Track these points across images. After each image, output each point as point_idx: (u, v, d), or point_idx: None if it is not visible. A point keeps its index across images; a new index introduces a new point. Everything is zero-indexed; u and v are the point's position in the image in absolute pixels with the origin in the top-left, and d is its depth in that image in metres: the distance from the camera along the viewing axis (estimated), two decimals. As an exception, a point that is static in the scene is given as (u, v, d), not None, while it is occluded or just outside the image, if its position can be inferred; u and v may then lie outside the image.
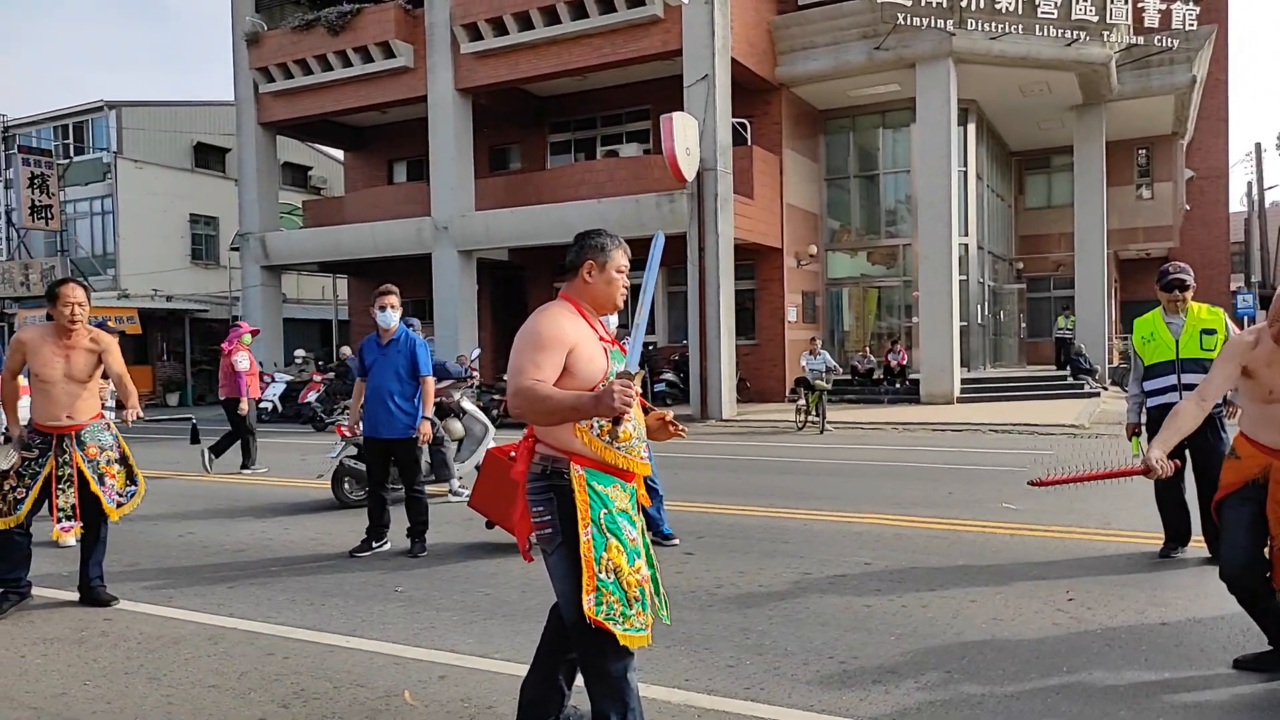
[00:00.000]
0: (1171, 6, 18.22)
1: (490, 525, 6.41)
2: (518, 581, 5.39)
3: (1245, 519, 3.60)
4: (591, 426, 2.71)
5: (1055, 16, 17.15)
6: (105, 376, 5.22)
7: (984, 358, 21.85)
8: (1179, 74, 20.34)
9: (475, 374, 16.92)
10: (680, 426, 3.03)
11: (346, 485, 8.26)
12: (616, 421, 2.60)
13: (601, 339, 2.84)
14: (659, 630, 4.36)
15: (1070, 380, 19.69)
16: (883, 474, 9.67)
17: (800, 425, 14.70)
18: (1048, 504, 7.60)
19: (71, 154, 28.68)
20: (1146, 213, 26.17)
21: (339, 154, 28.40)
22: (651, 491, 6.32)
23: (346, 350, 19.09)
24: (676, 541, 6.26)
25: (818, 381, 14.60)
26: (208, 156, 30.41)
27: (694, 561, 5.81)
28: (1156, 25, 18.22)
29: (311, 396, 18.00)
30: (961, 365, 18.71)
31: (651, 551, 2.91)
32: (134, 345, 24.64)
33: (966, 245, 19.71)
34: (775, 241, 19.29)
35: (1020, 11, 17.17)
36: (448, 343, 18.96)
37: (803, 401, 14.78)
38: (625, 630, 2.67)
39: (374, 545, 6.27)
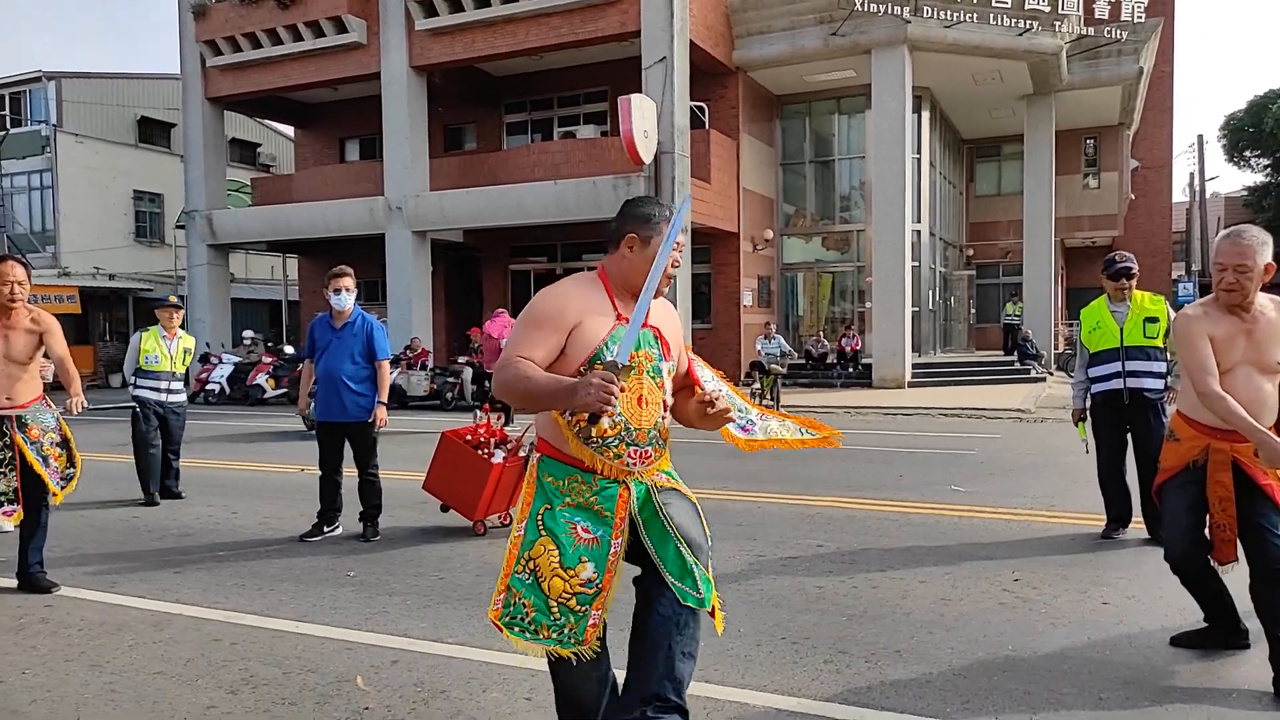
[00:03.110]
0: (1121, -2, 18.56)
1: (445, 508, 6.38)
2: (472, 565, 5.36)
3: (1186, 501, 3.67)
4: (564, 411, 2.40)
5: (1009, 6, 17.37)
6: (46, 356, 5.06)
7: (934, 343, 22.19)
8: (1126, 65, 20.74)
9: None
10: (724, 404, 2.58)
11: None
12: (593, 419, 2.29)
13: (623, 320, 2.44)
14: (612, 613, 4.38)
15: (1017, 365, 20.10)
16: (835, 457, 9.78)
17: (755, 409, 14.80)
18: (995, 487, 7.77)
19: (8, 126, 27.71)
20: (1093, 201, 26.73)
21: (289, 131, 27.83)
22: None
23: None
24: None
25: (773, 365, 14.71)
26: (152, 131, 29.59)
27: (649, 544, 5.82)
28: (1106, 17, 18.56)
29: (260, 378, 17.68)
30: (912, 350, 18.99)
31: (684, 554, 2.45)
32: (74, 325, 23.98)
33: (919, 232, 19.97)
34: (731, 226, 19.34)
35: (975, 0, 17.36)
36: (401, 325, 18.74)
37: (757, 385, 14.89)
38: (535, 640, 2.39)
39: (325, 529, 6.19)
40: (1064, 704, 3.30)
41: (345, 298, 6.15)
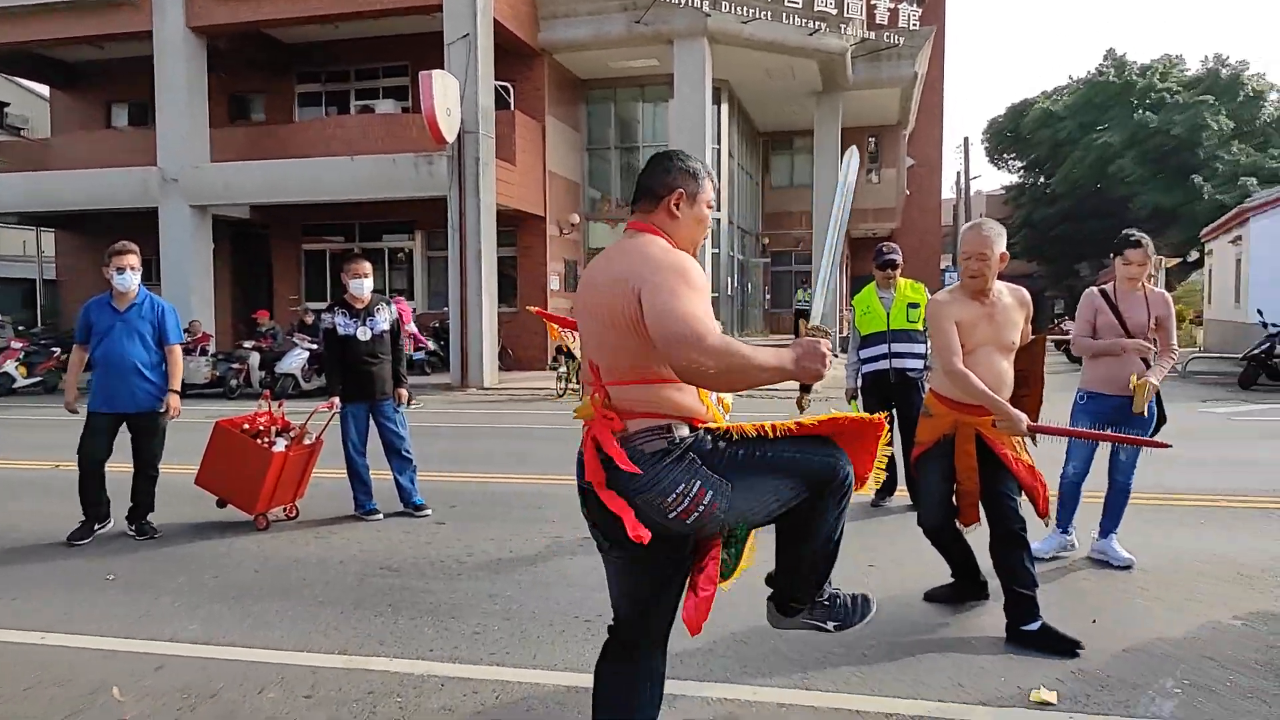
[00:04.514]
0: (899, 6, 19.95)
1: (222, 504, 5.99)
2: (251, 561, 5.07)
3: (939, 473, 4.03)
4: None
5: (800, 6, 18.25)
6: None
7: (732, 327, 23.11)
8: (904, 68, 22.36)
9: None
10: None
11: None
12: (806, 389, 2.24)
13: None
14: (406, 602, 4.29)
15: (808, 348, 21.22)
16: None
17: (561, 393, 14.87)
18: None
19: None
20: (874, 195, 28.70)
21: (44, 90, 25.05)
22: (404, 460, 6.17)
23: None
24: (429, 512, 6.16)
25: (579, 349, 14.81)
26: (-128, 83, 25.83)
27: (445, 531, 5.74)
28: (886, 22, 19.91)
29: (9, 365, 15.89)
30: (712, 333, 19.69)
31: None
32: None
33: (718, 220, 20.69)
34: (538, 209, 19.26)
35: (769, -2, 18.14)
36: (179, 307, 17.21)
37: (564, 369, 14.95)
38: None
39: (96, 528, 5.67)
40: (832, 663, 3.55)
41: (130, 277, 5.68)
